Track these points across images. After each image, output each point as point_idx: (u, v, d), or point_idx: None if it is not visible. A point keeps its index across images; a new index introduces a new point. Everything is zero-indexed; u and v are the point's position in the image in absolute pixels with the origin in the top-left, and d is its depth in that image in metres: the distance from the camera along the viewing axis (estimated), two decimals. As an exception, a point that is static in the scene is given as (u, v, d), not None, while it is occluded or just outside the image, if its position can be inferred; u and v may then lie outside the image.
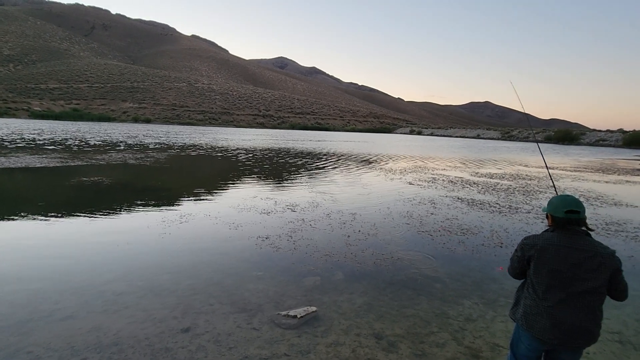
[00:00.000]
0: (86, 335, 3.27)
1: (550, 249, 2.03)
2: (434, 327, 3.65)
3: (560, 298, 2.01)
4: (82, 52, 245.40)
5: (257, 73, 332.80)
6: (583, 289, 1.98)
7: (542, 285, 2.06)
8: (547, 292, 2.04)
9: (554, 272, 2.02)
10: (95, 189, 10.01)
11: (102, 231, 6.38)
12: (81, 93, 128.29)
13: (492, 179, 15.01)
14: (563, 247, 2.02)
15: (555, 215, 2.07)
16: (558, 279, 2.02)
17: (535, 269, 2.08)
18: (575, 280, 1.99)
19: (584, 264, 1.98)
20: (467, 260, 5.50)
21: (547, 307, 2.04)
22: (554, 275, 2.02)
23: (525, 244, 2.13)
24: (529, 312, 2.11)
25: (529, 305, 2.12)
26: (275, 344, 3.27)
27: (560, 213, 2.05)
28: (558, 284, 2.02)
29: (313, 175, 14.69)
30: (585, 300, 1.99)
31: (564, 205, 2.04)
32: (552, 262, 2.02)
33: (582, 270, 1.98)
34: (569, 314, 2.00)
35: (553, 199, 2.13)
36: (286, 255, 5.46)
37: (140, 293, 4.13)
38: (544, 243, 2.06)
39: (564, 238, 2.03)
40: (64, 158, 16.41)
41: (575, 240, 2.02)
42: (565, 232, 2.05)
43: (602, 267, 1.96)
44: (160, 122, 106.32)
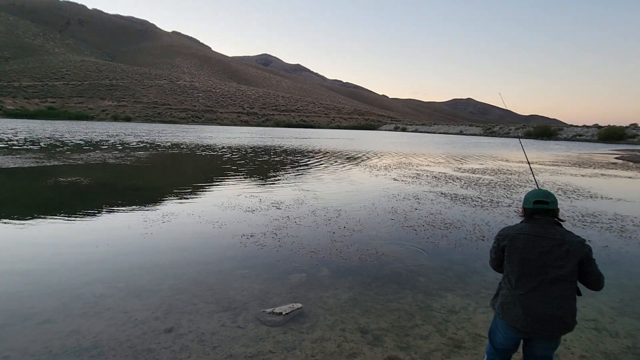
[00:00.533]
0: (64, 339, 3.17)
1: (520, 238, 2.11)
2: (418, 320, 3.70)
3: (531, 286, 2.07)
4: (57, 48, 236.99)
5: (240, 70, 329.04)
6: (553, 276, 2.03)
7: (514, 274, 2.13)
8: (518, 280, 2.11)
9: (524, 260, 2.08)
10: (72, 190, 9.71)
11: (80, 232, 6.19)
12: (57, 91, 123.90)
13: (474, 174, 15.32)
14: (532, 235, 2.09)
15: (526, 206, 2.18)
16: (528, 267, 2.08)
17: (508, 258, 2.16)
18: (545, 268, 2.05)
19: (552, 252, 2.04)
20: (450, 254, 5.59)
21: (519, 295, 2.10)
22: (524, 264, 2.09)
23: (499, 235, 2.23)
24: (504, 301, 2.18)
25: (504, 295, 2.19)
26: (261, 341, 3.25)
27: (530, 204, 2.16)
28: (529, 272, 2.08)
29: (298, 172, 14.65)
30: (556, 288, 2.04)
31: (534, 196, 2.16)
32: (522, 251, 2.09)
33: (551, 258, 2.04)
34: (540, 302, 2.05)
35: (527, 193, 2.24)
36: (271, 252, 5.43)
37: (121, 294, 4.03)
38: (515, 232, 2.15)
39: (533, 227, 2.11)
40: (39, 158, 15.84)
41: (544, 229, 2.09)
42: (534, 221, 2.13)
43: (570, 255, 2.01)
44: (141, 120, 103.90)
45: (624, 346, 3.35)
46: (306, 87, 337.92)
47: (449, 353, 3.16)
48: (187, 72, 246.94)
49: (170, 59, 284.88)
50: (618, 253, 5.77)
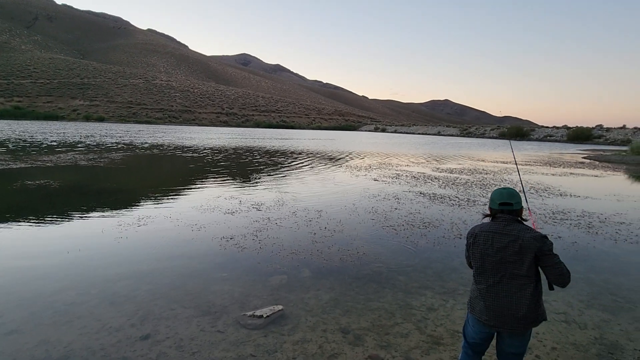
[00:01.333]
0: (33, 350, 3.02)
1: (482, 235, 2.22)
2: (398, 319, 3.74)
3: (492, 281, 2.17)
4: (24, 44, 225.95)
5: (219, 70, 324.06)
6: (511, 272, 2.12)
7: (477, 270, 2.26)
8: (480, 275, 2.24)
9: (484, 256, 2.20)
10: (41, 193, 9.27)
11: (49, 238, 5.92)
12: (23, 89, 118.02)
13: (452, 173, 15.69)
14: (491, 232, 2.19)
15: (492, 207, 2.27)
16: (488, 262, 2.19)
17: (472, 254, 2.28)
18: (503, 264, 2.14)
19: (507, 248, 2.13)
20: (429, 252, 5.70)
21: (481, 289, 2.22)
22: (484, 259, 2.20)
23: (468, 233, 2.35)
24: (472, 296, 2.32)
25: (472, 289, 2.32)
26: (241, 345, 3.20)
27: (495, 205, 2.24)
28: (489, 267, 2.19)
29: (279, 173, 14.57)
30: (515, 284, 2.11)
31: (499, 198, 2.23)
32: (482, 247, 2.20)
33: (507, 253, 2.13)
34: (501, 297, 2.14)
35: (493, 192, 2.31)
36: (251, 254, 5.37)
37: (94, 302, 3.88)
38: (479, 230, 2.26)
39: (494, 225, 2.22)
40: (4, 160, 15.04)
41: (502, 226, 2.18)
42: (497, 220, 2.23)
43: (524, 250, 2.08)
44: (115, 120, 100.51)
45: (592, 337, 3.51)
46: (286, 88, 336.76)
47: (428, 350, 3.22)
48: (163, 71, 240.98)
49: (146, 57, 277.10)
50: (586, 248, 6.04)
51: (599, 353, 3.26)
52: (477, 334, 2.30)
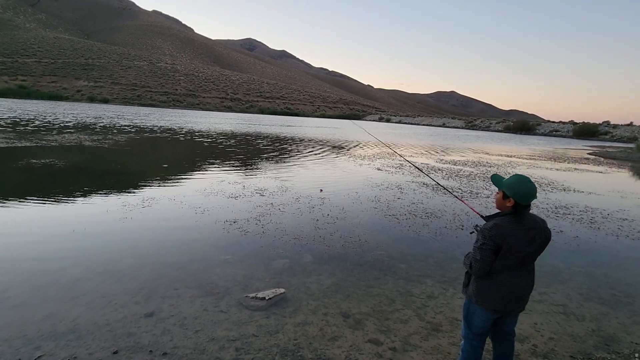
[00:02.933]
0: (40, 323, 3.09)
1: (517, 234, 2.13)
2: (399, 305, 3.79)
3: (520, 273, 2.21)
4: (28, 23, 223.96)
5: (224, 54, 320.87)
6: (530, 260, 2.22)
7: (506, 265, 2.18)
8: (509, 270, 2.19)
9: (523, 254, 2.16)
10: (46, 172, 9.33)
11: (55, 216, 5.99)
12: (28, 68, 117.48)
13: (455, 165, 15.63)
14: (524, 229, 2.15)
15: (521, 202, 2.13)
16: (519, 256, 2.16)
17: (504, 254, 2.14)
18: (531, 255, 2.19)
19: (535, 240, 2.17)
20: (431, 242, 5.73)
21: (504, 281, 2.20)
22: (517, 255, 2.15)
23: (493, 235, 2.12)
24: (485, 289, 2.23)
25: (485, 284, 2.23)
26: (244, 325, 3.26)
27: (527, 202, 2.12)
28: (520, 262, 2.18)
29: (283, 159, 14.56)
30: (531, 270, 2.26)
31: (531, 195, 2.12)
32: (518, 245, 2.13)
33: (534, 245, 2.18)
34: (523, 285, 2.24)
35: (518, 184, 2.13)
36: (254, 239, 5.41)
37: (100, 279, 3.95)
38: (508, 230, 2.12)
39: (523, 220, 2.16)
40: (9, 138, 15.10)
41: (529, 220, 2.19)
42: (522, 215, 2.16)
43: (545, 240, 2.22)
44: (119, 102, 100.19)
45: (589, 329, 3.55)
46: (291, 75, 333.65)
47: (427, 336, 3.27)
48: (168, 54, 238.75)
49: (150, 39, 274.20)
50: (587, 243, 6.06)
51: (595, 344, 3.30)
52: (486, 322, 2.32)
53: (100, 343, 2.88)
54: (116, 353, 2.77)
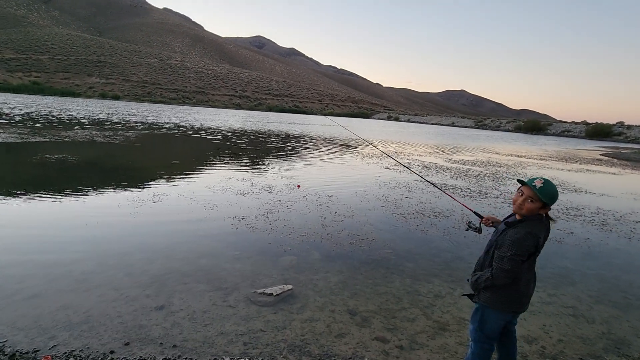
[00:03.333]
0: (54, 314, 3.17)
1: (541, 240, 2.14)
2: (405, 304, 3.80)
3: (532, 274, 2.25)
4: (42, 20, 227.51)
5: (233, 52, 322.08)
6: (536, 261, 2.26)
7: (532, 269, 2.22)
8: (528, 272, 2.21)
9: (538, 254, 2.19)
10: (59, 167, 9.51)
11: (68, 209, 6.11)
12: (42, 65, 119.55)
13: (464, 165, 15.50)
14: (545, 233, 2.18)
15: (552, 204, 2.13)
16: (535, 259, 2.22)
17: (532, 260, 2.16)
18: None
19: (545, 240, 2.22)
20: (439, 241, 5.71)
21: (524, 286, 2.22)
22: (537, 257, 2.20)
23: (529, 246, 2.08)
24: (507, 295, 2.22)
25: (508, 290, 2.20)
26: (252, 320, 3.30)
27: (553, 202, 2.13)
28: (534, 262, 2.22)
29: (291, 157, 14.60)
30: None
31: (557, 196, 2.14)
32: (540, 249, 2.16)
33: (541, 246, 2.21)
34: (534, 284, 2.29)
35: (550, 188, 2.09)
36: (262, 235, 5.45)
37: (111, 272, 4.03)
38: (541, 237, 2.12)
39: (545, 225, 2.17)
40: (24, 134, 15.41)
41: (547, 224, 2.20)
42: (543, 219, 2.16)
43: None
44: (130, 99, 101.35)
45: (599, 332, 3.51)
46: (300, 72, 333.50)
47: (434, 335, 3.27)
48: (178, 52, 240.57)
49: (161, 36, 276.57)
50: (599, 245, 5.97)
51: (605, 347, 3.27)
52: (501, 324, 2.33)
53: (112, 334, 2.95)
54: (127, 344, 2.84)
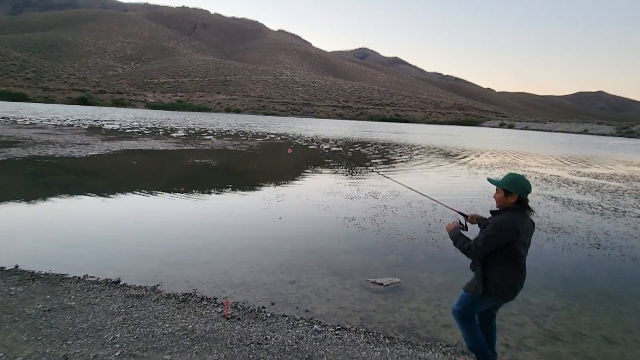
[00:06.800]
0: (221, 276, 4.30)
1: (524, 230, 2.40)
2: (514, 310, 3.87)
3: (522, 265, 2.48)
4: (186, 49, 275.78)
5: (337, 64, 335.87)
6: (527, 252, 2.50)
7: (520, 259, 2.42)
8: (517, 263, 2.46)
9: (526, 245, 2.47)
10: (206, 169, 11.83)
11: (219, 203, 7.75)
12: (184, 86, 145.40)
13: (597, 179, 13.46)
14: (529, 225, 2.45)
15: (524, 197, 2.41)
16: (526, 249, 2.47)
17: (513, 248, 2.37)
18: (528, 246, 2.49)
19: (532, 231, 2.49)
20: (556, 257, 5.40)
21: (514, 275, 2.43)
22: (525, 248, 2.46)
23: (505, 229, 2.33)
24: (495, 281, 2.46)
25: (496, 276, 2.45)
26: (365, 302, 3.88)
27: (526, 195, 2.42)
28: (525, 254, 2.48)
29: (393, 165, 14.92)
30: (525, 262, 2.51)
31: (529, 188, 2.42)
32: (527, 239, 2.45)
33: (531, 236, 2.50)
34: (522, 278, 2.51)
35: (518, 180, 2.42)
36: (370, 235, 6.02)
37: (253, 252, 5.11)
38: (520, 226, 2.37)
39: (527, 216, 2.44)
40: (178, 143, 19.34)
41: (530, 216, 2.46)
42: (524, 210, 2.43)
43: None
44: (248, 112, 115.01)
45: None
46: (403, 81, 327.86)
47: (544, 341, 3.34)
48: (289, 68, 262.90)
49: (275, 55, 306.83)
50: None
51: None
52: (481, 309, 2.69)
53: (261, 295, 3.88)
54: (273, 304, 3.71)
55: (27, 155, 12.24)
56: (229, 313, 3.32)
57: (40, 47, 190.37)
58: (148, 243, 5.32)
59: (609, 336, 3.47)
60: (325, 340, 3.05)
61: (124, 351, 2.67)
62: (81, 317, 3.13)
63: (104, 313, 3.23)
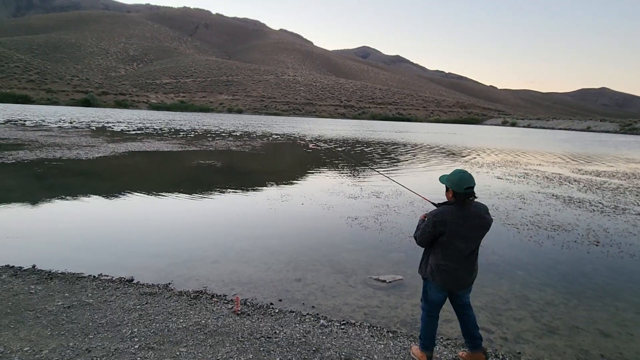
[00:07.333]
0: (230, 275, 4.46)
1: (457, 222, 2.53)
2: (513, 305, 4.01)
3: (465, 256, 2.60)
4: (188, 50, 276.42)
5: (339, 64, 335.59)
6: (475, 245, 2.62)
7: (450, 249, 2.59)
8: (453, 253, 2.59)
9: (461, 238, 2.56)
10: (211, 171, 12.01)
11: (225, 203, 7.92)
12: (187, 87, 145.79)
13: (598, 176, 13.53)
14: (465, 217, 2.54)
15: (458, 191, 2.53)
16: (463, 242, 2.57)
17: (448, 238, 2.57)
18: (474, 240, 2.60)
19: (478, 227, 2.58)
20: (555, 254, 5.53)
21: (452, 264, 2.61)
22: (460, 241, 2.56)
23: (436, 222, 2.57)
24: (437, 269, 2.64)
25: (438, 264, 2.64)
26: (369, 298, 4.03)
27: (462, 190, 2.51)
28: (463, 247, 2.58)
29: (395, 165, 15.04)
30: (475, 255, 2.66)
31: (464, 183, 2.50)
32: (459, 231, 2.54)
33: (478, 232, 2.59)
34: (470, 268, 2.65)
35: (452, 176, 2.57)
36: (374, 234, 6.17)
37: (259, 251, 5.27)
38: (452, 217, 2.53)
39: (464, 209, 2.55)
40: (182, 144, 19.55)
41: (472, 209, 2.56)
42: (465, 204, 2.54)
43: (486, 227, 2.61)
44: (250, 112, 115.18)
45: None
46: (405, 79, 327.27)
47: (541, 335, 3.47)
48: (290, 67, 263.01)
49: (277, 55, 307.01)
50: None
51: None
52: (438, 296, 2.77)
53: (269, 292, 4.04)
54: (281, 301, 3.87)
55: (35, 157, 12.47)
56: (239, 309, 3.48)
57: (43, 49, 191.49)
58: (157, 243, 5.49)
59: (605, 330, 3.60)
60: (331, 334, 3.20)
61: (142, 344, 2.83)
62: (99, 314, 3.30)
63: (121, 309, 3.40)
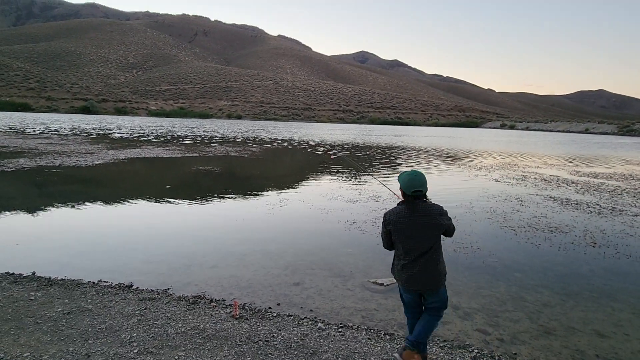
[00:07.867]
0: (229, 279, 4.49)
1: (402, 221, 2.60)
2: (509, 307, 4.03)
3: (414, 257, 2.61)
4: (187, 56, 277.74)
5: (338, 68, 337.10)
6: (428, 246, 2.61)
7: (401, 249, 2.66)
8: (406, 254, 2.63)
9: (408, 237, 2.61)
10: (211, 176, 12.06)
11: (224, 208, 7.96)
12: (186, 93, 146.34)
13: (596, 178, 13.59)
14: (411, 217, 2.59)
15: (407, 192, 2.61)
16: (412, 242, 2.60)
17: (396, 238, 2.67)
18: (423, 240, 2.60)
19: (427, 226, 2.59)
20: (552, 256, 5.56)
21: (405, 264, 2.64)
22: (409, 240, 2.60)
23: (384, 221, 2.71)
24: (398, 270, 2.72)
25: (397, 265, 2.74)
26: (367, 301, 4.06)
27: (409, 192, 2.59)
28: (414, 246, 2.60)
29: (395, 169, 15.10)
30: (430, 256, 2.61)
31: (411, 186, 2.57)
32: (406, 231, 2.59)
33: (427, 232, 2.59)
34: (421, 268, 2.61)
35: (405, 176, 2.62)
36: (371, 237, 6.20)
37: (258, 255, 5.30)
38: (397, 217, 2.62)
39: (410, 209, 2.61)
40: (181, 150, 19.62)
41: (420, 210, 2.60)
42: (413, 205, 2.61)
43: (438, 227, 2.61)
44: (250, 118, 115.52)
45: None
46: (403, 84, 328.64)
47: (538, 336, 3.49)
48: (289, 73, 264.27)
49: (276, 60, 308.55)
50: None
51: None
52: (408, 297, 2.80)
53: (268, 297, 4.06)
54: (279, 305, 3.90)
55: (35, 165, 12.52)
56: (237, 313, 3.51)
57: (43, 57, 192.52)
58: (156, 249, 5.52)
59: (601, 330, 3.63)
60: (328, 337, 3.23)
61: (141, 349, 2.86)
62: (99, 319, 3.32)
63: (120, 315, 3.43)
